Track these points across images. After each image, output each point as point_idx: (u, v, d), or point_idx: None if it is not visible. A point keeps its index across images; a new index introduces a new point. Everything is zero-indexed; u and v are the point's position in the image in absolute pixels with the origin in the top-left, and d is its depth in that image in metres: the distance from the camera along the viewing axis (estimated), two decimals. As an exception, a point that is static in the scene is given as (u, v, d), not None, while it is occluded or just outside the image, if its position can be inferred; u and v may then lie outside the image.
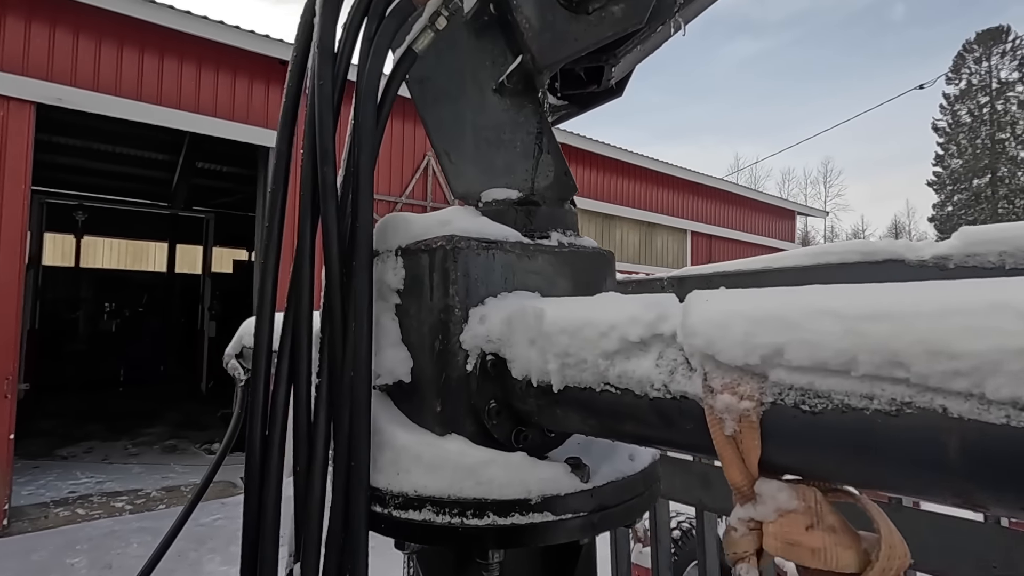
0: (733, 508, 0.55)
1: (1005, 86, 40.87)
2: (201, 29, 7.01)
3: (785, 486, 0.51)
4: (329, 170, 0.81)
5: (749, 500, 0.53)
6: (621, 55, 0.98)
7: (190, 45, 7.09)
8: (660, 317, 0.61)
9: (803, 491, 0.50)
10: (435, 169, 9.34)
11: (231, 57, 7.37)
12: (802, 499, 0.50)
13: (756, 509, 0.52)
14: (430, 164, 9.26)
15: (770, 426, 0.50)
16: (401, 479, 0.75)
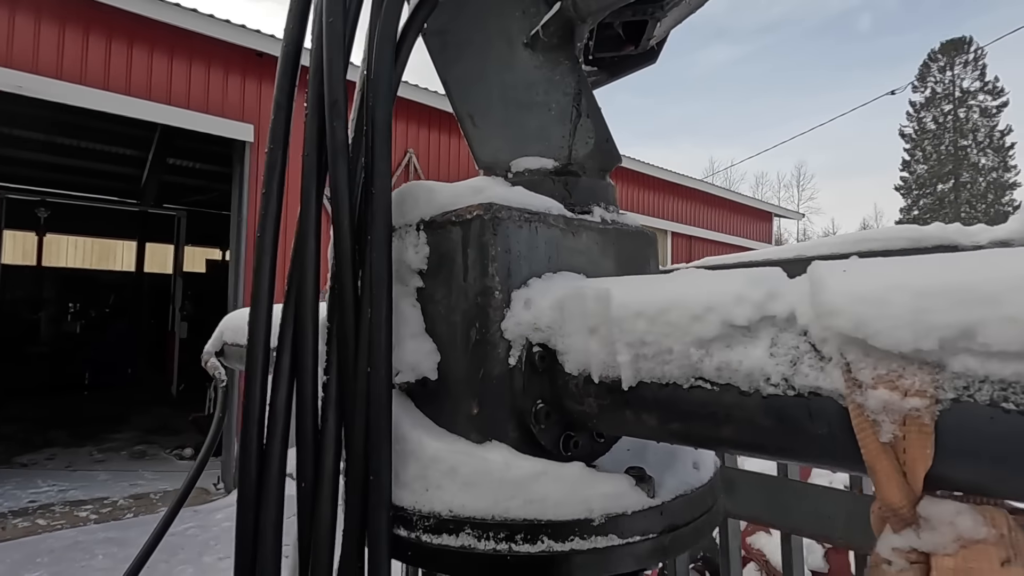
0: (881, 534, 0.43)
1: (967, 95, 42.25)
2: (173, 16, 6.71)
3: (966, 508, 0.39)
4: (340, 125, 0.67)
5: (909, 525, 0.41)
6: (668, 8, 0.86)
7: (161, 33, 6.79)
8: (770, 295, 0.49)
9: (992, 514, 0.39)
10: (416, 166, 9.16)
11: (205, 47, 7.08)
12: (992, 525, 0.38)
13: (922, 537, 0.41)
14: (412, 161, 9.07)
15: (949, 429, 0.38)
16: (431, 496, 0.62)
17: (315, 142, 0.69)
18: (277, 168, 0.71)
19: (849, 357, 0.42)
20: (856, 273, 0.43)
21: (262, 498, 0.64)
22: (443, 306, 0.69)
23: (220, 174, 12.42)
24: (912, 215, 44.11)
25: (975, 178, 41.86)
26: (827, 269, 0.45)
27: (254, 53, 7.42)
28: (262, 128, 7.53)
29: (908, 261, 0.43)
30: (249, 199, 7.41)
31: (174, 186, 13.63)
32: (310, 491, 0.65)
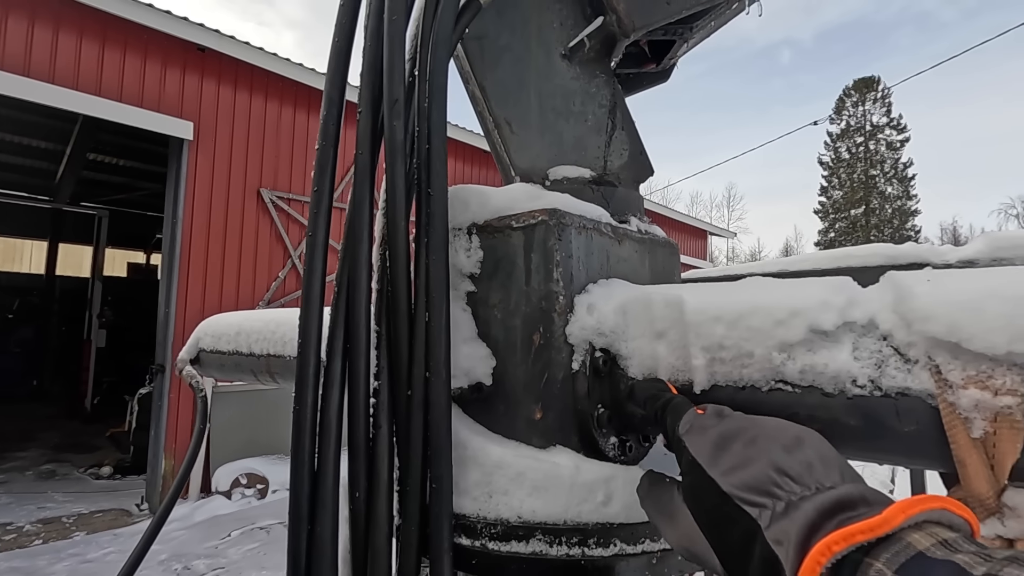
0: (962, 524, 0.47)
1: (876, 129, 46.27)
2: (106, 2, 6.28)
3: (1051, 496, 0.43)
4: (399, 125, 0.66)
5: (993, 514, 0.45)
6: (696, 31, 0.90)
7: (93, 19, 6.34)
8: (850, 302, 0.52)
9: (1072, 501, 0.43)
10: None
11: (141, 37, 6.67)
12: (1073, 511, 0.43)
13: (1007, 525, 0.44)
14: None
15: (1039, 425, 0.42)
16: (497, 503, 0.61)
17: (369, 141, 0.68)
18: (329, 166, 0.68)
19: (938, 359, 0.46)
20: (942, 283, 0.47)
21: (316, 512, 0.61)
22: (500, 310, 0.68)
23: (148, 172, 11.65)
24: (829, 237, 47.57)
25: (883, 205, 45.77)
26: (911, 279, 0.49)
27: (196, 47, 7.06)
28: (202, 125, 7.16)
29: (989, 272, 0.47)
30: (186, 199, 7.01)
31: (94, 183, 12.65)
32: (364, 502, 0.62)
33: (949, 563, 0.27)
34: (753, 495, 0.39)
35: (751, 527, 0.38)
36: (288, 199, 8.08)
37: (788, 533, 0.35)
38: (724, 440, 0.44)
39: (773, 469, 0.40)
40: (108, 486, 7.75)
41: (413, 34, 0.74)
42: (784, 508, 0.37)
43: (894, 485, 4.51)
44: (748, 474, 0.40)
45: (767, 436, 0.43)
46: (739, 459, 0.42)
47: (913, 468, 1.48)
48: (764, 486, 0.39)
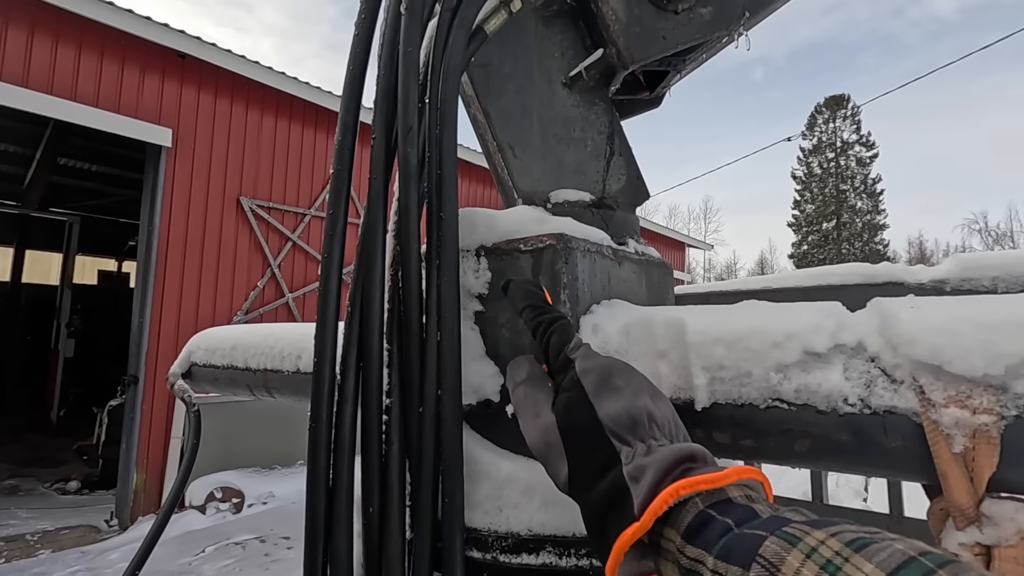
0: (944, 532, 0.51)
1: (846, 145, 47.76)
2: (82, 7, 6.19)
3: (1023, 506, 0.47)
4: (413, 152, 0.69)
5: (972, 523, 0.49)
6: (689, 62, 0.95)
7: (69, 24, 6.23)
8: (840, 325, 0.56)
9: (1042, 510, 0.47)
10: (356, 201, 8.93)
11: (119, 42, 6.57)
12: (1044, 518, 0.47)
13: (984, 532, 0.48)
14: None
15: (1013, 442, 0.46)
16: (507, 516, 0.64)
17: (382, 166, 0.70)
18: (344, 189, 0.70)
19: (921, 380, 0.50)
20: (924, 309, 0.52)
21: (333, 527, 0.62)
22: (508, 330, 0.71)
23: (122, 178, 11.41)
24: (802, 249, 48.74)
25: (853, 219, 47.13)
26: (896, 305, 0.53)
27: (176, 54, 6.99)
28: (181, 133, 7.07)
29: (966, 299, 0.52)
30: (163, 206, 6.89)
31: (64, 188, 12.34)
32: (378, 516, 0.64)
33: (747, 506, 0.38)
34: (622, 431, 0.44)
35: (612, 458, 0.43)
36: (268, 208, 8.00)
37: (644, 471, 0.41)
38: (607, 374, 0.49)
39: (645, 413, 0.46)
40: (75, 502, 7.50)
41: (424, 61, 0.77)
42: (646, 451, 0.43)
43: (867, 493, 4.63)
44: (622, 411, 0.45)
45: (641, 383, 0.49)
46: (616, 396, 0.47)
47: (899, 480, 1.55)
48: (633, 426, 0.45)
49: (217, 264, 7.48)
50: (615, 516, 0.41)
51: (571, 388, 0.49)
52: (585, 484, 0.45)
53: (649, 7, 0.84)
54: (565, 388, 0.50)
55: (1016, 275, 1.14)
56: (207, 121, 7.38)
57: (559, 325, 0.55)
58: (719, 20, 0.85)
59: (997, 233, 47.29)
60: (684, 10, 0.85)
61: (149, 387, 6.73)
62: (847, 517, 1.43)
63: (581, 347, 0.53)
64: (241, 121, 7.76)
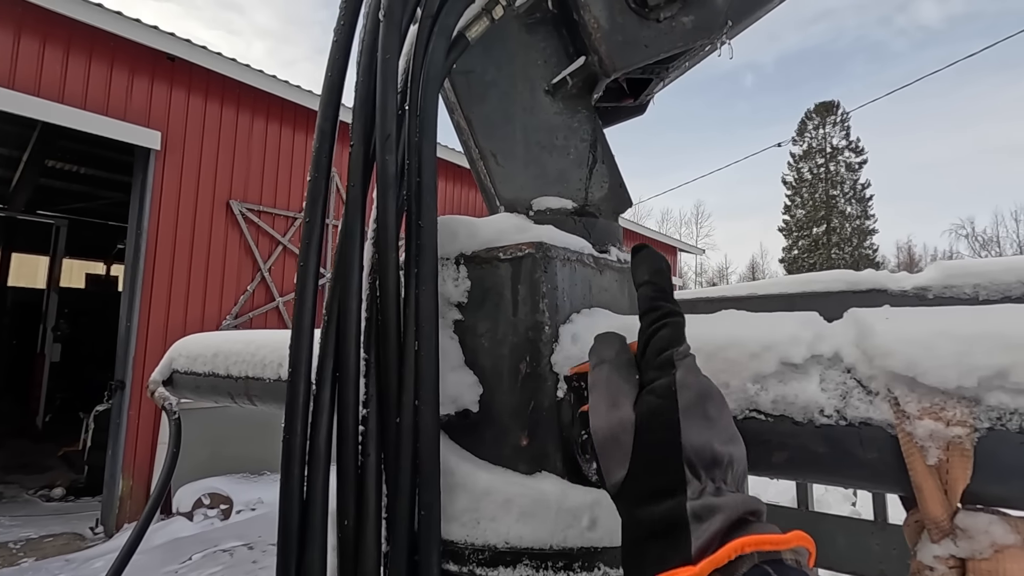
0: (919, 544, 0.51)
1: (836, 151, 48.24)
2: (71, 9, 6.13)
3: (997, 519, 0.47)
4: (391, 159, 0.68)
5: (947, 535, 0.49)
6: (672, 70, 0.95)
7: (56, 26, 6.17)
8: (818, 336, 0.56)
9: (1016, 523, 0.47)
10: (339, 185, 8.91)
11: (108, 45, 6.52)
12: (1017, 532, 0.47)
13: (959, 545, 0.48)
14: (334, 179, 8.81)
15: (985, 454, 0.46)
16: (484, 529, 0.63)
17: (360, 174, 0.69)
18: (321, 197, 0.69)
19: (896, 392, 0.50)
20: (899, 321, 0.52)
21: (306, 541, 0.61)
22: (487, 339, 0.71)
23: (111, 181, 11.31)
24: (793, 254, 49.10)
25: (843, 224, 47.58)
26: (872, 316, 0.53)
27: (165, 56, 6.94)
28: (171, 135, 7.02)
29: (941, 311, 0.52)
30: (152, 210, 6.84)
31: (52, 191, 12.20)
32: (353, 529, 0.63)
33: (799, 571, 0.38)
34: (699, 464, 0.42)
35: (678, 486, 0.42)
36: (259, 211, 7.95)
37: (712, 513, 0.40)
38: (704, 398, 0.46)
39: (727, 455, 0.44)
40: (60, 508, 7.39)
41: (404, 68, 0.77)
42: (715, 491, 0.41)
43: (856, 498, 4.65)
44: (707, 445, 0.43)
45: (730, 420, 0.47)
46: (706, 426, 0.44)
47: (875, 492, 1.55)
48: (711, 464, 0.43)
49: (206, 268, 7.42)
50: (662, 547, 0.40)
51: (664, 396, 0.46)
52: (640, 499, 0.43)
53: (631, 15, 0.84)
54: (657, 393, 0.47)
55: (997, 283, 1.14)
56: (197, 124, 7.34)
57: (674, 321, 0.51)
58: (701, 29, 0.85)
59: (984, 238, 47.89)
60: (666, 19, 0.85)
61: (136, 392, 6.65)
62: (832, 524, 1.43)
63: (688, 356, 0.49)
64: (231, 124, 7.72)
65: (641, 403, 0.47)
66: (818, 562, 1.56)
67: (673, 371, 0.47)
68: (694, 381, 0.47)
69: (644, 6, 0.83)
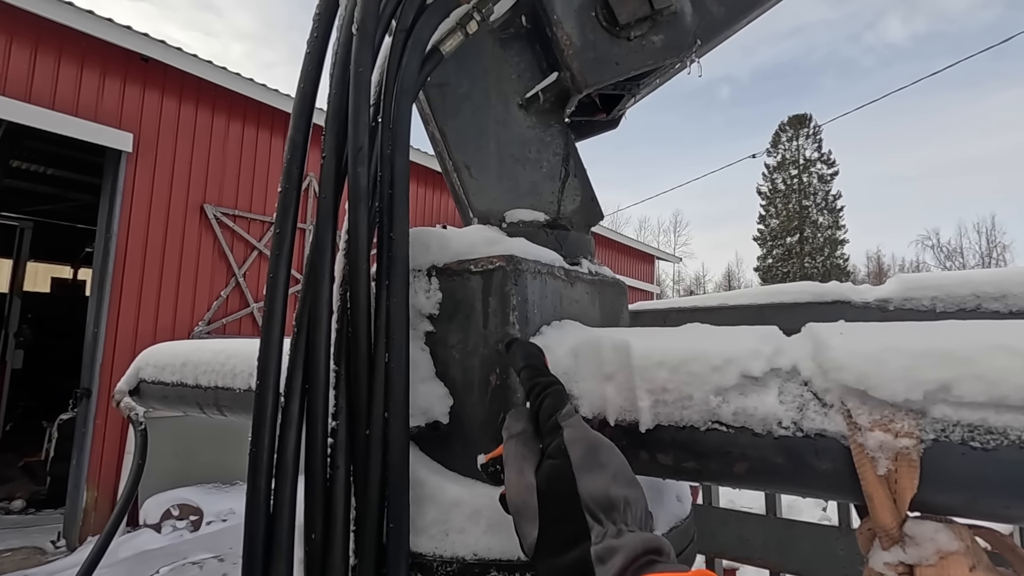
0: (871, 552, 0.53)
1: (809, 163, 49.46)
2: (39, 6, 5.99)
3: (942, 526, 0.49)
4: (363, 172, 0.68)
5: (896, 543, 0.51)
6: (643, 87, 0.98)
7: (23, 23, 6.02)
8: (777, 350, 0.58)
9: (959, 531, 0.49)
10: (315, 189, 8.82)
11: (79, 44, 6.38)
12: (960, 539, 0.49)
13: (907, 552, 0.50)
14: (311, 184, 8.72)
15: (931, 464, 0.48)
16: (453, 541, 0.63)
17: (332, 186, 0.70)
18: (292, 208, 0.69)
19: (849, 404, 0.52)
20: (853, 336, 0.54)
21: (272, 555, 0.61)
22: (458, 351, 0.71)
23: (79, 183, 10.99)
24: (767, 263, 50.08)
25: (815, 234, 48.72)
26: (827, 331, 0.55)
27: (139, 57, 6.81)
28: (143, 137, 6.88)
29: (892, 327, 0.54)
30: (122, 213, 6.68)
31: (16, 192, 11.82)
32: (321, 543, 0.63)
33: None
34: (598, 510, 0.45)
35: (582, 534, 0.45)
36: (234, 215, 7.82)
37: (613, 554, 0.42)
38: (594, 449, 0.50)
39: (622, 498, 0.47)
40: (20, 521, 7.11)
41: (377, 80, 0.77)
42: (616, 533, 0.44)
43: (826, 503, 4.73)
44: (603, 491, 0.47)
45: (622, 465, 0.50)
46: (599, 473, 0.48)
47: (831, 500, 1.59)
48: (609, 508, 0.46)
49: (178, 273, 7.26)
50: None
51: (557, 456, 0.49)
52: (551, 552, 0.46)
53: (603, 33, 0.86)
54: (551, 455, 0.50)
55: (953, 295, 1.19)
56: (171, 126, 7.20)
57: (554, 390, 0.56)
58: (671, 48, 0.88)
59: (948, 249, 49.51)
60: (636, 37, 0.87)
61: (103, 400, 6.46)
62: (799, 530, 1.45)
63: (572, 416, 0.53)
64: (207, 127, 7.59)
65: (541, 468, 0.51)
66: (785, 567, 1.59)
67: (561, 432, 0.51)
68: (582, 436, 0.51)
69: (615, 25, 0.86)
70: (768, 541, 1.50)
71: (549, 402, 0.55)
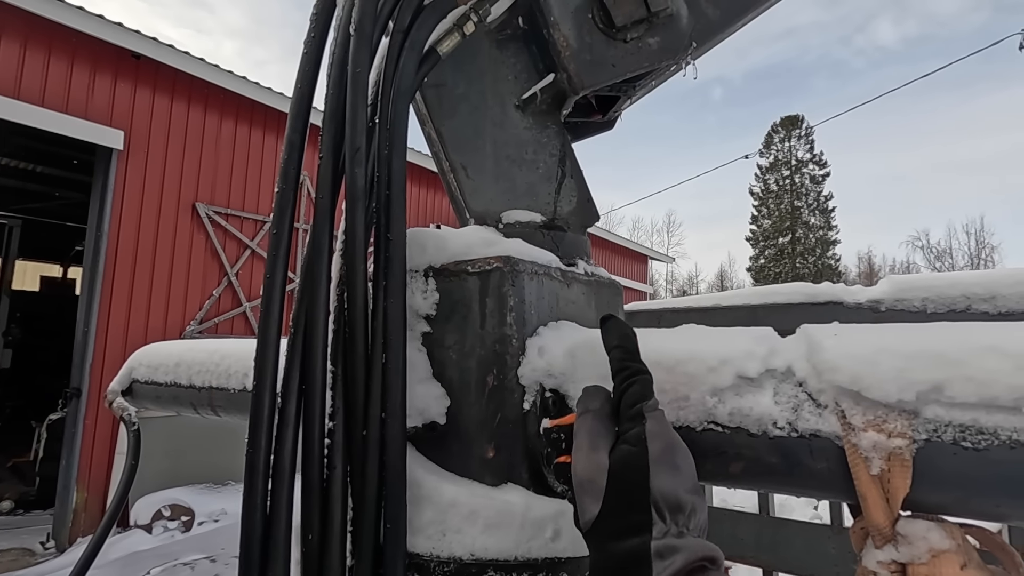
0: (864, 550, 0.53)
1: (801, 164, 49.78)
2: (29, 3, 5.92)
3: (934, 525, 0.50)
4: (360, 172, 0.68)
5: (889, 541, 0.52)
6: (639, 89, 0.98)
7: (13, 19, 5.95)
8: (772, 351, 0.58)
9: (951, 529, 0.50)
10: (310, 189, 8.79)
11: (69, 41, 6.31)
12: (952, 537, 0.50)
13: (900, 551, 0.51)
14: (305, 182, 8.69)
15: (923, 464, 0.49)
16: (450, 541, 0.63)
17: (329, 186, 0.70)
18: (289, 208, 0.69)
19: (843, 405, 0.53)
20: (846, 337, 0.54)
21: (269, 556, 0.61)
22: (455, 352, 0.71)
23: (69, 180, 10.90)
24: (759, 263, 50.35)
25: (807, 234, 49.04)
26: (821, 333, 0.56)
27: (130, 54, 6.75)
28: (134, 135, 6.82)
29: (885, 328, 0.55)
30: (113, 211, 6.62)
31: (5, 190, 11.70)
32: (318, 544, 0.63)
33: None
34: (665, 508, 0.47)
35: (644, 526, 0.46)
36: (226, 214, 7.78)
37: (673, 553, 0.44)
38: (672, 449, 0.51)
39: (690, 504, 0.48)
40: (8, 523, 7.04)
41: (374, 81, 0.77)
42: (678, 534, 0.46)
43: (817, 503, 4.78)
44: (674, 491, 0.48)
45: (694, 472, 0.52)
46: (673, 474, 0.49)
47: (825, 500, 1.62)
48: (676, 509, 0.47)
49: (170, 272, 7.21)
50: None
51: (636, 444, 0.50)
52: (609, 535, 0.48)
53: (599, 35, 0.87)
54: (630, 441, 0.51)
55: (943, 296, 1.20)
56: (162, 124, 7.15)
57: (642, 378, 0.56)
58: (667, 50, 0.88)
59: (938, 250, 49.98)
60: (633, 40, 0.87)
61: (93, 400, 6.41)
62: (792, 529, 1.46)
63: (657, 410, 0.54)
64: (199, 125, 7.54)
65: (616, 450, 0.52)
66: (778, 566, 1.61)
67: (643, 422, 0.52)
68: (663, 432, 0.52)
69: (612, 27, 0.86)
70: (761, 540, 1.51)
71: (636, 389, 0.55)
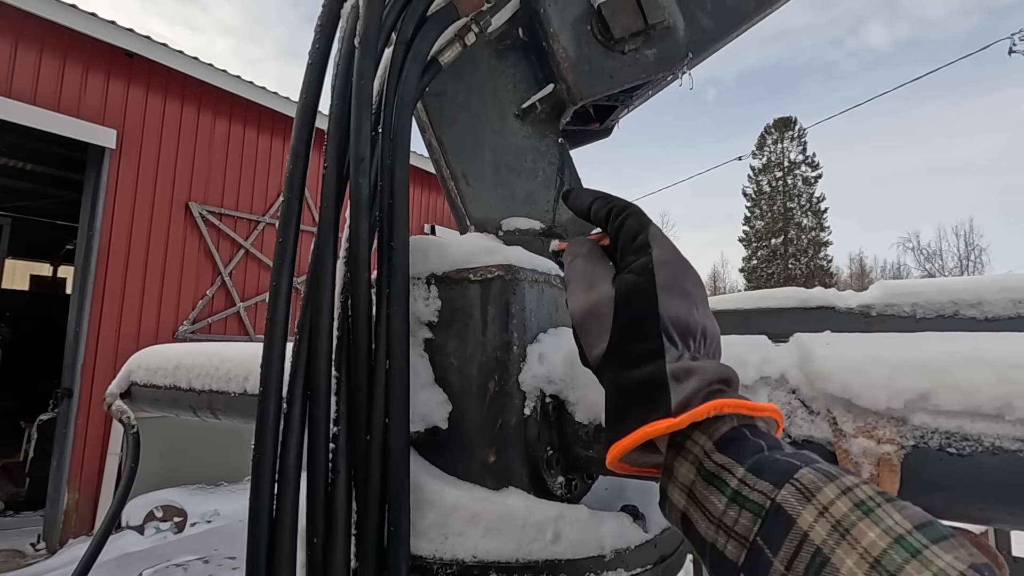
0: (855, 552, 0.55)
1: (793, 165, 50.11)
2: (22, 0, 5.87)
3: (921, 528, 0.52)
4: (364, 182, 0.69)
5: (878, 543, 0.54)
6: (636, 98, 1.00)
7: (4, 17, 5.90)
8: (765, 359, 0.60)
9: (937, 531, 0.52)
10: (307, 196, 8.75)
11: (61, 39, 6.27)
12: (938, 540, 0.52)
13: (888, 552, 0.53)
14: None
15: (911, 469, 0.51)
16: (452, 544, 0.65)
17: (333, 195, 0.71)
18: (294, 217, 0.70)
19: (835, 412, 0.55)
20: (837, 346, 0.56)
21: (275, 560, 0.62)
22: (456, 358, 0.73)
23: (61, 179, 10.82)
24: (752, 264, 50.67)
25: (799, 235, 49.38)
26: (813, 342, 0.58)
27: (123, 52, 6.72)
28: (127, 134, 6.79)
29: (874, 338, 0.57)
30: (105, 210, 6.58)
31: (-5, 188, 11.59)
32: (322, 547, 0.64)
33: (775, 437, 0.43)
34: (675, 333, 0.46)
35: (656, 353, 0.45)
36: (220, 214, 7.75)
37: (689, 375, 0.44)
38: (681, 275, 0.49)
39: (700, 327, 0.48)
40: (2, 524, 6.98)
41: (377, 91, 0.78)
42: (692, 357, 0.46)
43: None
44: (683, 315, 0.47)
45: (705, 296, 0.51)
46: (683, 300, 0.48)
47: None
48: (686, 333, 0.47)
49: (163, 271, 7.17)
50: (643, 406, 0.43)
51: (642, 274, 0.48)
52: (621, 366, 0.47)
53: (598, 47, 0.88)
54: (635, 271, 0.49)
55: (932, 302, 1.23)
56: (155, 123, 7.12)
57: (634, 210, 0.54)
58: (663, 61, 0.90)
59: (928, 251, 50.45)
60: (631, 51, 0.89)
61: (85, 401, 6.36)
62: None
63: (660, 235, 0.51)
64: (192, 124, 7.51)
65: (619, 281, 0.50)
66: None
67: (650, 251, 0.50)
68: (671, 259, 0.49)
69: (610, 39, 0.88)
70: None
71: (632, 222, 0.52)
